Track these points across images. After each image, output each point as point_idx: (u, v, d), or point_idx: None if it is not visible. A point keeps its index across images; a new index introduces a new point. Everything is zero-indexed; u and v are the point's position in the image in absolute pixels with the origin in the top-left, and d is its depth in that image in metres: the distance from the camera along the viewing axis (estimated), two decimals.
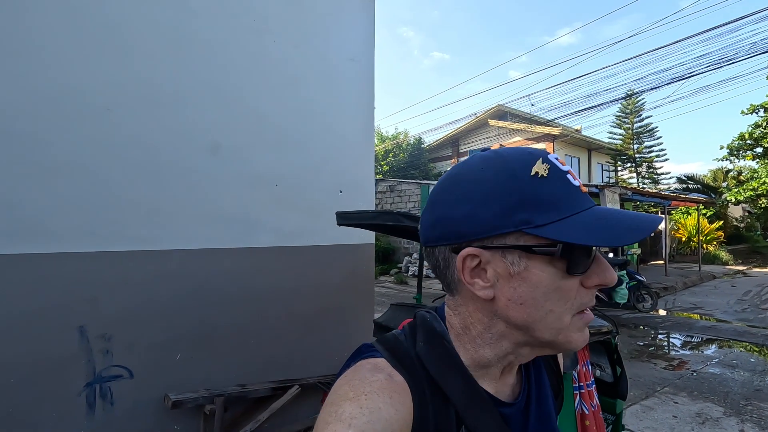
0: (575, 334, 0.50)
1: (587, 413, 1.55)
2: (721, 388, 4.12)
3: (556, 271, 0.47)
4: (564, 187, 0.48)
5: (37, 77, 1.99)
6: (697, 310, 8.28)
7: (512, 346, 0.53)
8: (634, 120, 18.91)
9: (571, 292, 0.48)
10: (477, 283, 0.50)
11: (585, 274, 0.48)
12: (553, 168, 0.49)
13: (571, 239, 0.45)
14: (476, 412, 0.51)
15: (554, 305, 0.48)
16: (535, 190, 0.47)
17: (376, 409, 0.44)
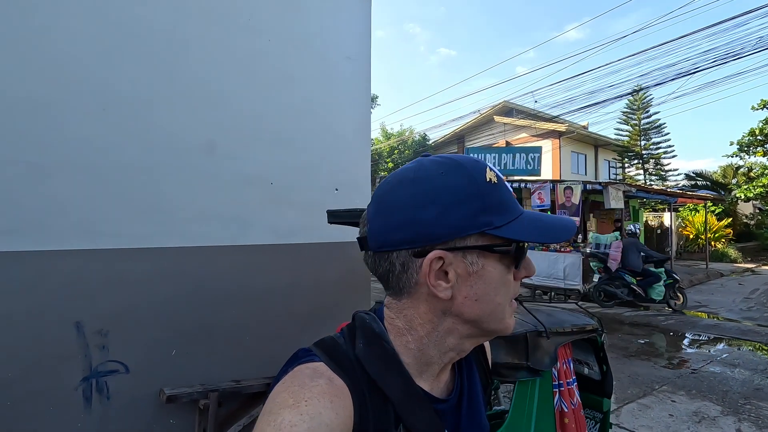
0: (510, 320, 0.57)
1: (566, 411, 1.57)
2: (720, 387, 4.10)
3: (504, 267, 0.54)
4: (508, 192, 0.55)
5: (32, 77, 2.03)
6: (702, 308, 8.22)
7: (456, 342, 0.56)
8: (642, 116, 18.70)
9: (511, 284, 0.55)
10: (440, 284, 0.52)
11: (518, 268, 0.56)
12: (498, 176, 0.55)
13: (524, 238, 0.52)
14: (413, 410, 0.53)
15: (502, 298, 0.54)
16: (491, 195, 0.52)
17: (317, 415, 0.45)
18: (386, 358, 0.55)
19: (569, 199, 9.70)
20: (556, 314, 1.81)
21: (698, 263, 14.82)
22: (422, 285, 0.52)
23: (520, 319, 1.63)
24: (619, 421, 3.37)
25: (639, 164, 19.37)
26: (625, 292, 7.85)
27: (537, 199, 10.43)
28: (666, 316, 7.59)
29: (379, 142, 23.85)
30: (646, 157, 19.02)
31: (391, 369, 0.54)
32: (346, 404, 0.49)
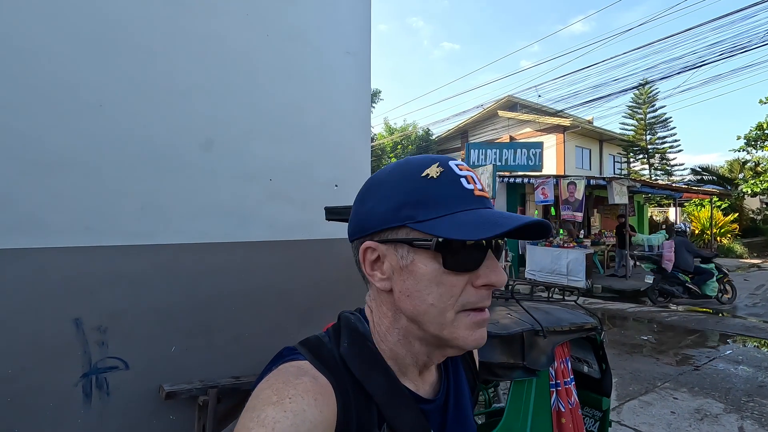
0: (462, 332, 0.52)
1: (564, 411, 1.55)
2: (723, 384, 4.07)
3: (439, 266, 0.51)
4: (452, 188, 0.52)
5: (30, 74, 2.02)
6: (706, 304, 8.16)
7: (420, 345, 0.55)
8: (647, 110, 18.53)
9: (455, 288, 0.51)
10: (376, 275, 0.55)
11: (474, 272, 0.51)
12: (447, 172, 0.52)
13: (439, 233, 0.49)
14: (398, 410, 0.53)
15: (435, 299, 0.51)
16: (423, 190, 0.51)
17: (301, 412, 0.45)
18: (370, 357, 0.55)
19: (573, 195, 9.64)
20: (554, 312, 1.79)
21: None
22: (367, 275, 0.56)
23: (516, 318, 1.62)
24: (620, 418, 3.36)
25: (644, 159, 19.22)
26: (680, 290, 7.88)
27: (540, 195, 10.38)
28: (670, 311, 7.55)
29: (382, 137, 23.79)
30: (652, 151, 18.87)
31: (375, 369, 0.54)
32: (329, 402, 0.49)
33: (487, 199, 0.54)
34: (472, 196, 0.52)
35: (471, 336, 0.52)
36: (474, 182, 0.53)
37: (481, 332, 0.53)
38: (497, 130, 18.84)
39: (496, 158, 10.59)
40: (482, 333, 0.53)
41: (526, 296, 2.06)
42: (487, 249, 0.52)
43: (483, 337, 0.53)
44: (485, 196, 0.53)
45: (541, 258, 10.15)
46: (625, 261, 10.30)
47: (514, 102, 19.08)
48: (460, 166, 0.54)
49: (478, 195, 0.52)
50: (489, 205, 0.54)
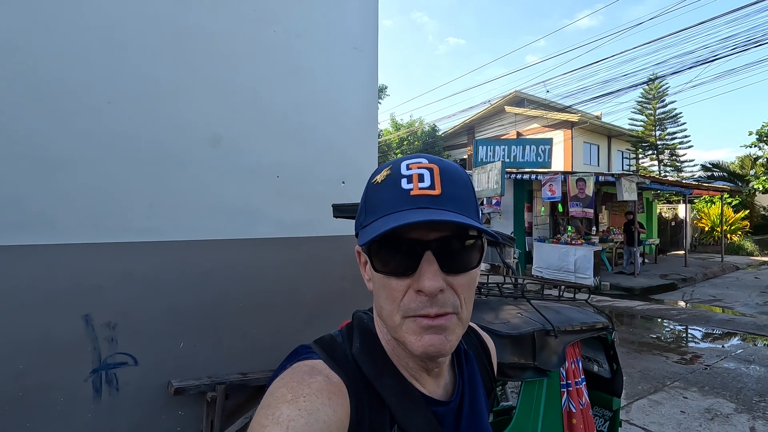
0: (410, 337, 0.51)
1: (575, 411, 1.53)
2: (734, 384, 4.02)
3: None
4: (388, 192, 0.51)
5: (37, 73, 2.02)
6: (716, 302, 8.08)
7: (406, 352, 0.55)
8: (657, 105, 18.28)
9: (396, 293, 0.50)
10: (365, 275, 0.57)
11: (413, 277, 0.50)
12: (392, 174, 0.52)
13: (360, 239, 0.51)
14: (408, 412, 0.53)
15: (384, 302, 0.52)
16: (368, 196, 0.54)
17: (315, 411, 0.45)
18: (381, 358, 0.55)
19: (582, 191, 9.55)
20: (565, 312, 1.77)
21: (713, 256, 14.56)
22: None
23: (527, 318, 1.60)
24: (629, 418, 3.33)
25: (653, 155, 18.99)
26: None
27: (548, 191, 10.29)
28: (679, 310, 7.48)
29: (388, 133, 23.73)
30: (661, 147, 18.63)
31: (386, 370, 0.54)
32: (343, 402, 0.49)
33: (433, 197, 0.49)
34: (407, 197, 0.50)
35: (418, 341, 0.50)
36: (420, 180, 0.50)
37: (430, 338, 0.50)
38: (504, 126, 18.70)
39: (505, 155, 10.53)
40: (431, 339, 0.50)
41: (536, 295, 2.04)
42: (422, 253, 0.49)
43: (432, 344, 0.50)
44: (428, 194, 0.49)
45: (548, 255, 10.08)
46: (634, 258, 10.21)
47: (522, 97, 18.92)
48: (411, 165, 0.52)
49: (416, 195, 0.49)
50: (432, 204, 0.49)
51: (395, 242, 0.49)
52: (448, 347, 0.51)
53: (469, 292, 0.52)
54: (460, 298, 0.51)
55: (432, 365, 0.56)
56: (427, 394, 0.56)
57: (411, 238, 0.49)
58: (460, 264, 0.50)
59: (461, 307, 0.51)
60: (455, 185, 0.52)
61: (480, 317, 1.57)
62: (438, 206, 0.49)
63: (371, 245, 0.50)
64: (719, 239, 14.98)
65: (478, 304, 1.94)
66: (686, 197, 12.99)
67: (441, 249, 0.49)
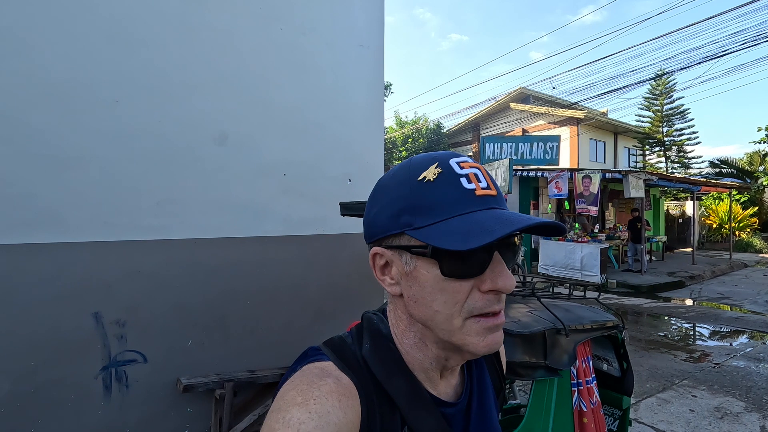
0: (472, 338, 0.50)
1: (585, 410, 1.52)
2: (744, 382, 3.99)
3: (439, 272, 0.49)
4: (449, 191, 0.49)
5: (48, 72, 2.03)
6: (724, 300, 8.01)
7: (437, 348, 0.54)
8: (664, 102, 18.09)
9: (459, 294, 0.49)
10: (386, 279, 0.54)
11: (479, 277, 0.49)
12: (445, 172, 0.50)
13: (431, 241, 0.47)
14: (418, 413, 0.52)
15: (440, 306, 0.49)
16: (420, 194, 0.50)
17: (325, 413, 0.45)
18: (392, 360, 0.55)
19: (587, 188, 9.49)
20: (575, 310, 1.75)
21: (721, 253, 14.43)
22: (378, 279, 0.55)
23: (537, 316, 1.59)
24: (637, 416, 3.31)
25: (661, 152, 18.81)
26: None
27: (554, 189, 10.24)
28: (687, 307, 7.42)
29: (393, 130, 23.69)
30: (669, 144, 18.45)
31: (396, 371, 0.54)
32: (353, 404, 0.49)
33: (493, 197, 0.50)
34: (473, 196, 0.49)
35: (482, 342, 0.50)
36: (477, 180, 0.50)
37: (493, 337, 0.50)
38: (510, 123, 18.60)
39: (512, 152, 10.48)
40: (495, 338, 0.50)
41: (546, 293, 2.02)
42: (492, 252, 0.49)
43: (496, 342, 0.50)
44: (490, 194, 0.50)
45: (554, 252, 10.04)
46: (640, 255, 10.13)
47: (527, 94, 18.80)
48: (462, 164, 0.51)
49: (481, 195, 0.49)
50: (495, 204, 0.50)
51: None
52: (502, 341, 0.53)
53: None
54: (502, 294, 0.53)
55: (454, 364, 0.56)
56: (436, 395, 0.56)
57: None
58: (511, 261, 0.52)
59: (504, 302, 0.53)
60: (496, 184, 0.53)
61: None
62: (501, 206, 0.51)
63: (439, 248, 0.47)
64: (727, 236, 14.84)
65: None
66: (694, 194, 12.87)
67: (504, 248, 0.50)
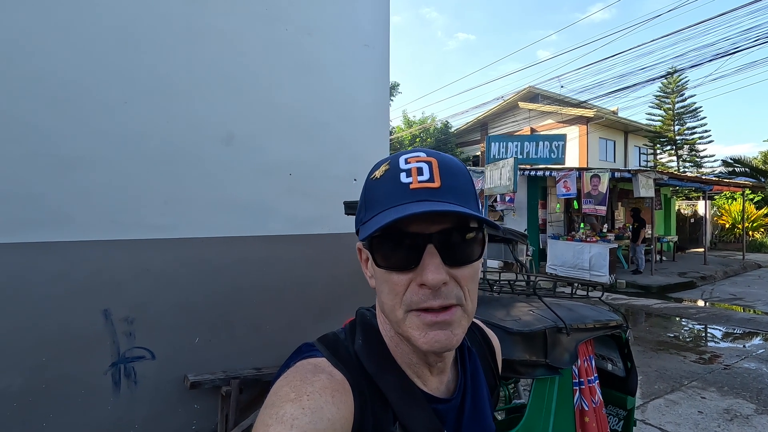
0: (414, 332, 0.50)
1: (587, 409, 1.52)
2: (755, 384, 3.92)
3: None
4: (388, 186, 0.51)
5: (55, 75, 2.07)
6: (736, 301, 7.88)
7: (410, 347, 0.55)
8: (676, 100, 17.85)
9: (398, 287, 0.50)
10: (367, 273, 0.57)
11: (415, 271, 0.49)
12: (391, 169, 0.52)
13: (362, 234, 0.51)
14: (410, 409, 0.53)
15: (386, 297, 0.52)
16: (368, 191, 0.54)
17: (318, 409, 0.45)
18: (382, 355, 0.55)
19: (596, 188, 9.40)
20: (578, 309, 1.75)
21: (734, 254, 14.19)
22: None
23: (539, 315, 1.59)
24: (644, 417, 3.28)
25: (672, 150, 18.56)
26: None
27: (563, 188, 10.16)
28: (698, 308, 7.32)
29: (400, 130, 23.69)
30: (680, 142, 18.19)
31: (387, 367, 0.54)
32: (347, 399, 0.49)
33: (432, 189, 0.49)
34: (407, 190, 0.49)
35: (422, 337, 0.49)
36: (419, 174, 0.49)
37: (434, 334, 0.49)
38: (518, 122, 18.49)
39: (518, 151, 10.41)
40: (436, 335, 0.49)
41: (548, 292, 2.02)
42: (424, 246, 0.48)
43: (437, 340, 0.49)
44: (428, 187, 0.49)
45: (562, 252, 9.96)
46: (638, 255, 10.04)
47: (535, 93, 18.67)
48: (409, 159, 0.51)
49: (415, 188, 0.49)
50: (430, 197, 0.49)
51: (396, 236, 0.48)
52: (454, 341, 0.50)
53: (473, 284, 0.52)
54: (464, 290, 0.50)
55: (435, 360, 0.56)
56: (428, 391, 0.56)
57: (412, 231, 0.48)
58: (462, 256, 0.50)
59: (465, 299, 0.50)
60: (455, 177, 0.51)
61: (491, 314, 1.56)
62: (438, 198, 0.49)
63: (372, 240, 0.50)
64: (740, 236, 14.60)
65: (489, 301, 1.93)
66: (706, 193, 12.68)
67: (443, 242, 0.49)
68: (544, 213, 11.91)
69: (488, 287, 2.13)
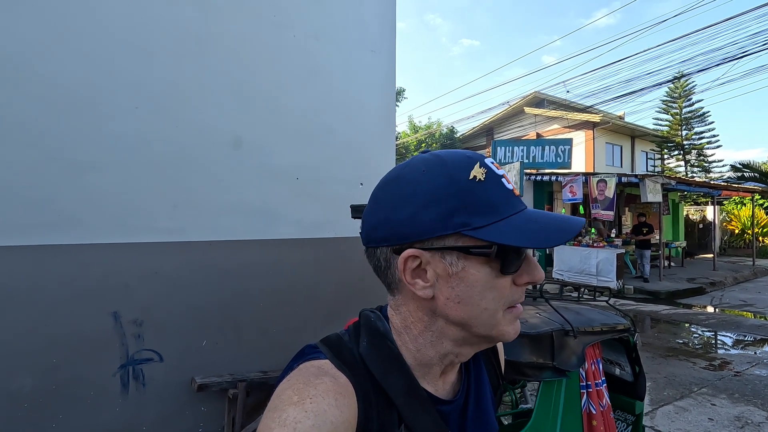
0: (508, 328, 0.53)
1: (594, 413, 1.51)
2: (766, 392, 3.86)
3: (491, 270, 0.50)
4: (499, 190, 0.50)
5: (67, 82, 2.12)
6: (747, 307, 7.77)
7: (452, 345, 0.54)
8: (683, 104, 17.76)
9: (504, 290, 0.51)
10: (418, 283, 0.52)
11: (517, 273, 0.51)
12: (490, 172, 0.51)
13: (505, 241, 0.48)
14: (415, 411, 0.53)
15: (489, 303, 0.51)
16: (473, 193, 0.49)
17: (322, 412, 0.45)
18: (389, 357, 0.55)
19: (603, 193, 9.35)
20: (585, 313, 1.74)
21: (744, 260, 14.02)
22: (405, 283, 0.53)
23: (546, 318, 1.58)
24: (653, 424, 3.24)
25: (680, 155, 18.43)
26: None
27: (569, 193, 10.12)
28: (707, 314, 7.23)
29: (406, 135, 23.75)
30: (688, 147, 18.07)
31: (393, 369, 0.54)
32: (350, 402, 0.48)
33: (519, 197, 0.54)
34: (513, 197, 0.52)
35: (513, 329, 0.54)
36: (510, 182, 0.53)
37: (518, 323, 0.55)
38: (524, 127, 18.46)
39: (524, 156, 10.41)
40: (518, 324, 0.56)
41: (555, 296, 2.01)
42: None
43: (519, 327, 0.56)
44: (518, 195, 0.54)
45: (569, 257, 9.89)
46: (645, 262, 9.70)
47: (541, 98, 18.64)
48: (495, 165, 0.53)
49: (517, 194, 0.53)
50: (524, 205, 0.54)
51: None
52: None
53: None
54: None
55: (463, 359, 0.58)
56: (434, 393, 0.56)
57: None
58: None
59: None
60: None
61: None
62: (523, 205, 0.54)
63: (504, 248, 0.49)
64: (750, 242, 14.42)
65: None
66: (715, 199, 12.56)
67: None
68: None
69: None
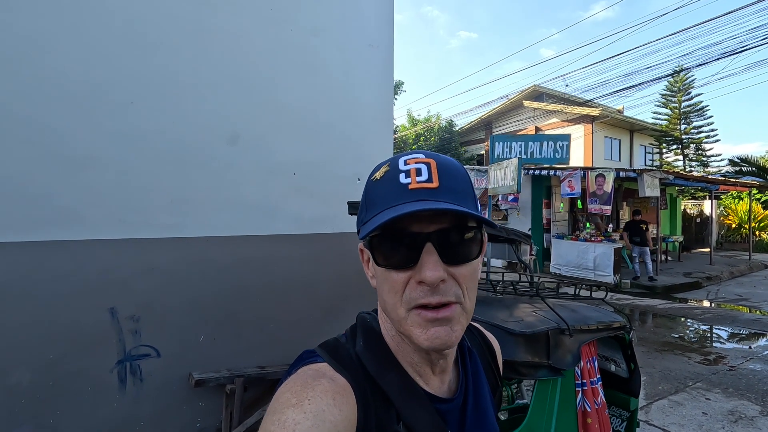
0: (415, 330, 0.51)
1: (589, 411, 1.52)
2: (760, 386, 3.91)
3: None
4: (388, 186, 0.52)
5: (65, 76, 2.10)
6: (742, 301, 7.83)
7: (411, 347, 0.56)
8: (682, 99, 17.73)
9: (397, 285, 0.51)
10: (368, 273, 0.57)
11: (414, 269, 0.50)
12: (390, 170, 0.53)
13: (362, 233, 0.52)
14: (413, 409, 0.53)
15: (387, 296, 0.52)
16: (368, 192, 0.55)
17: (320, 412, 0.45)
18: (384, 356, 0.56)
19: (601, 187, 9.36)
20: (581, 311, 1.75)
21: (741, 254, 14.10)
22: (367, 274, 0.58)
23: (541, 316, 1.59)
24: (648, 418, 3.27)
25: (678, 150, 18.44)
26: None
27: (567, 187, 10.12)
28: (703, 309, 7.28)
29: (405, 128, 23.67)
30: (687, 141, 18.08)
31: (389, 367, 0.55)
32: (349, 401, 0.49)
33: (431, 189, 0.50)
34: (405, 190, 0.50)
35: (423, 334, 0.50)
36: (417, 174, 0.51)
37: (435, 331, 0.50)
38: (523, 121, 18.41)
39: (522, 151, 10.39)
40: (437, 332, 0.50)
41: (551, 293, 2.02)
42: (422, 245, 0.49)
43: (437, 336, 0.50)
44: (425, 187, 0.50)
45: (566, 252, 9.93)
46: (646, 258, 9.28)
47: (540, 92, 18.58)
48: (408, 160, 0.53)
49: (414, 188, 0.50)
50: (429, 197, 0.50)
51: (396, 235, 0.50)
52: (453, 338, 0.51)
53: (472, 282, 0.52)
54: (462, 288, 0.51)
55: (437, 358, 0.56)
56: (430, 391, 0.57)
57: (411, 230, 0.49)
58: (460, 255, 0.51)
59: (464, 297, 0.51)
60: (453, 178, 0.52)
61: (494, 315, 1.57)
62: (436, 198, 0.50)
63: (372, 240, 0.51)
64: (747, 236, 14.49)
65: (492, 302, 1.94)
66: (712, 193, 12.60)
67: (441, 240, 0.50)
68: (549, 212, 11.87)
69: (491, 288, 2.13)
